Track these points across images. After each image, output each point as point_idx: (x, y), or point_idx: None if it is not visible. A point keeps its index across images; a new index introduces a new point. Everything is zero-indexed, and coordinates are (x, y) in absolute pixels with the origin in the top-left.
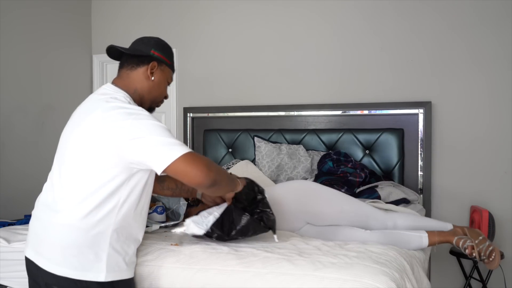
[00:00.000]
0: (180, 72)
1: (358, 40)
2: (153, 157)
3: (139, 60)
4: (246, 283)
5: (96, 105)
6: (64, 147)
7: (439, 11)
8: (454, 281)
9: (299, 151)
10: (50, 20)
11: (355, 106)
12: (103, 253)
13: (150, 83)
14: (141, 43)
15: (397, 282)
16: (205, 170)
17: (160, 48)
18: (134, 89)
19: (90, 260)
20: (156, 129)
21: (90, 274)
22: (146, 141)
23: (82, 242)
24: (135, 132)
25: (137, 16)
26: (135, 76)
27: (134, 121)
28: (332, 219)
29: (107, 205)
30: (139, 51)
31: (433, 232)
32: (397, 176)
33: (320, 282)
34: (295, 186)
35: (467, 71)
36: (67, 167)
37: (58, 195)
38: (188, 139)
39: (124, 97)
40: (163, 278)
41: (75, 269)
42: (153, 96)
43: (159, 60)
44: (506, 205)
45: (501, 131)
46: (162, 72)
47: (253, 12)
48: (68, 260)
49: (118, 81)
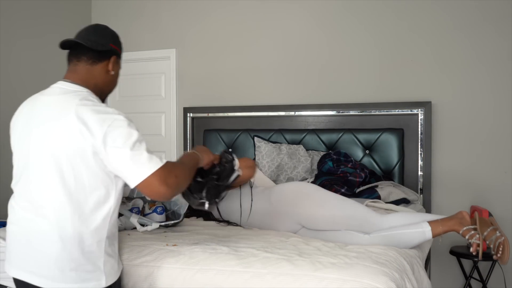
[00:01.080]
0: (180, 72)
1: (358, 40)
2: (127, 172)
3: (100, 54)
4: (245, 284)
5: (65, 107)
6: (37, 156)
7: (439, 10)
8: (454, 281)
9: (299, 151)
10: (50, 20)
11: (355, 106)
12: (99, 261)
13: (109, 77)
14: (98, 34)
15: (397, 282)
16: (171, 186)
17: (116, 40)
18: (94, 84)
19: (89, 271)
20: (130, 139)
21: (91, 284)
22: (121, 153)
23: (79, 255)
24: (111, 141)
25: (137, 16)
26: (95, 71)
27: (110, 129)
28: (325, 224)
29: (100, 215)
30: (100, 45)
31: (436, 221)
32: (397, 176)
33: (320, 282)
34: (290, 189)
35: (467, 71)
36: (49, 178)
37: (47, 208)
38: (188, 139)
39: (90, 94)
40: (163, 279)
41: (75, 282)
42: (110, 89)
43: (117, 54)
44: (506, 205)
45: (501, 131)
46: (117, 64)
47: (253, 12)
48: (67, 275)
49: (74, 77)
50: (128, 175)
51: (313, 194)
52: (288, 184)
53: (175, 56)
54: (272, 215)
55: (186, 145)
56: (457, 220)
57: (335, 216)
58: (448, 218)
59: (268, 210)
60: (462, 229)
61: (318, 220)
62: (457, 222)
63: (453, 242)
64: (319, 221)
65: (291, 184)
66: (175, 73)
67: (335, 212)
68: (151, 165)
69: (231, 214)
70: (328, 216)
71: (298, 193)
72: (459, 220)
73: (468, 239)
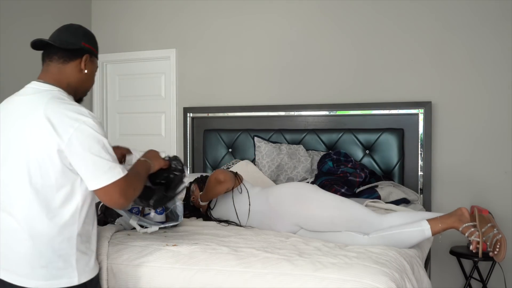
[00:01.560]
0: (180, 72)
1: (358, 40)
2: (88, 176)
3: (71, 53)
4: (246, 284)
5: (34, 106)
6: (6, 155)
7: (439, 11)
8: (454, 281)
9: (299, 151)
10: (50, 20)
11: (355, 106)
12: (71, 258)
13: (83, 75)
14: (69, 34)
15: (397, 282)
16: (129, 198)
17: (89, 39)
18: (67, 84)
19: (60, 268)
20: (96, 145)
21: (62, 281)
22: (84, 158)
23: (49, 251)
24: (77, 144)
25: (137, 16)
26: (68, 71)
27: (76, 132)
28: (323, 225)
29: (68, 211)
30: (71, 44)
31: (435, 219)
32: (397, 176)
33: (320, 282)
34: (288, 191)
35: (467, 71)
36: (17, 176)
37: (14, 207)
38: (188, 139)
39: (61, 93)
40: (163, 279)
41: (46, 279)
42: (85, 88)
43: (90, 52)
44: (506, 205)
45: (501, 131)
46: (92, 63)
47: (253, 12)
48: (37, 272)
49: (47, 77)
50: (88, 179)
51: (311, 195)
52: (286, 185)
53: (175, 56)
54: (271, 216)
55: (186, 145)
56: (457, 217)
57: (333, 217)
58: (447, 215)
59: (266, 212)
60: (462, 226)
61: (316, 221)
62: (457, 219)
63: (453, 242)
64: (317, 223)
65: (289, 185)
66: (175, 73)
67: (333, 213)
68: (112, 174)
69: (229, 216)
70: (325, 217)
71: (295, 194)
72: (458, 217)
73: (468, 237)
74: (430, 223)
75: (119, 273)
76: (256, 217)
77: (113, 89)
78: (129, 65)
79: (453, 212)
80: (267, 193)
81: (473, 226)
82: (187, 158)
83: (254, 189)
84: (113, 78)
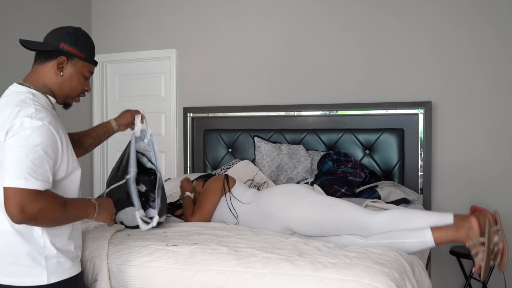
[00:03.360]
0: (180, 72)
1: (358, 40)
2: (8, 170)
3: (48, 54)
4: (246, 284)
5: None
6: None
7: (439, 11)
8: (454, 281)
9: (299, 151)
10: (50, 20)
11: (355, 106)
12: (40, 256)
13: (60, 78)
14: (52, 35)
15: (397, 282)
16: (25, 217)
17: (71, 41)
18: (43, 84)
19: (27, 266)
20: (27, 145)
21: (30, 280)
22: (13, 151)
23: (18, 248)
24: (14, 138)
25: (137, 16)
26: (43, 71)
27: (19, 129)
28: (313, 230)
29: None
30: (47, 45)
31: (441, 229)
32: (397, 176)
33: (320, 282)
34: (276, 198)
35: (467, 71)
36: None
37: None
38: (188, 139)
39: (28, 95)
40: (163, 279)
41: (15, 276)
42: (65, 92)
43: (69, 54)
44: (506, 205)
45: (501, 131)
46: (74, 66)
47: (253, 12)
48: (7, 268)
49: (27, 78)
50: (3, 172)
51: (297, 201)
52: (277, 189)
53: (175, 56)
54: (263, 220)
55: (186, 145)
56: (464, 231)
57: (320, 222)
58: (454, 227)
59: (258, 217)
60: (469, 242)
61: (305, 226)
62: (464, 233)
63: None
64: (307, 228)
65: (279, 190)
66: (175, 73)
67: (320, 217)
68: (25, 180)
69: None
70: (313, 223)
71: (283, 200)
72: (467, 230)
73: (473, 256)
74: (434, 233)
75: (119, 273)
76: (248, 223)
77: (113, 89)
78: (129, 65)
79: (462, 222)
80: (259, 198)
81: (481, 243)
82: (187, 158)
83: (247, 193)
84: (113, 78)
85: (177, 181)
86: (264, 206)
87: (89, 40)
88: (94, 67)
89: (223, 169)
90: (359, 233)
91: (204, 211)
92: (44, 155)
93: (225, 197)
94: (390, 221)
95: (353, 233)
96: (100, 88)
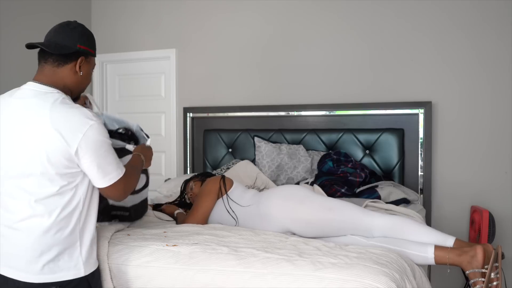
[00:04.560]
0: (180, 72)
1: (358, 40)
2: (93, 177)
3: (66, 57)
4: (246, 284)
5: (39, 112)
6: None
7: (439, 10)
8: (454, 281)
9: (299, 151)
10: (50, 20)
11: (355, 106)
12: (76, 251)
13: (79, 77)
14: (65, 36)
15: (397, 282)
16: (128, 192)
17: (85, 40)
18: (63, 85)
19: (65, 261)
20: (101, 148)
21: (69, 273)
22: (91, 161)
23: (55, 245)
24: (84, 149)
25: (137, 16)
26: (63, 73)
27: (84, 137)
28: (313, 233)
29: (71, 205)
30: (65, 48)
31: (444, 250)
32: (397, 176)
33: (320, 282)
34: (277, 201)
35: (467, 71)
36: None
37: (18, 204)
38: (188, 139)
39: (61, 95)
40: (163, 279)
41: (54, 272)
42: (81, 88)
43: (85, 54)
44: (506, 205)
45: (501, 131)
46: (89, 63)
47: (253, 12)
48: (46, 266)
49: (44, 78)
50: (95, 179)
51: (297, 206)
52: (276, 192)
53: (175, 56)
54: (263, 221)
55: (186, 145)
56: (468, 257)
57: (322, 226)
58: (458, 251)
59: (258, 217)
60: (469, 270)
61: (306, 229)
62: (466, 260)
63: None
64: (307, 231)
65: (279, 192)
66: (175, 73)
67: (319, 220)
68: (116, 174)
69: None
70: (315, 226)
71: (283, 204)
72: (469, 258)
73: (471, 285)
74: (437, 252)
75: (119, 273)
76: (247, 225)
77: (113, 89)
78: (129, 65)
79: (467, 249)
80: (258, 201)
81: (482, 274)
82: (187, 158)
83: (246, 194)
84: (113, 78)
85: (177, 181)
86: (263, 210)
87: (92, 35)
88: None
89: (223, 169)
90: (360, 234)
91: (198, 214)
92: (107, 144)
93: (222, 200)
94: (392, 227)
95: (355, 234)
96: (100, 88)
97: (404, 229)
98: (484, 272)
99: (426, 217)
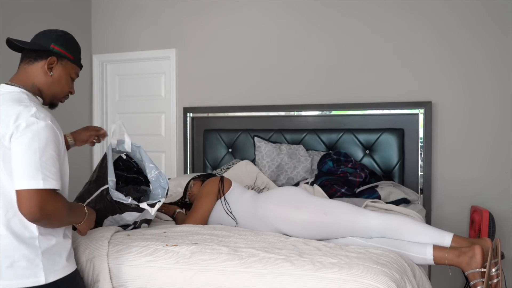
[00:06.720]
0: (180, 72)
1: (358, 40)
2: (21, 172)
3: (37, 54)
4: (246, 284)
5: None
6: None
7: (439, 10)
8: (454, 281)
9: (299, 151)
10: (50, 19)
11: (355, 106)
12: (36, 257)
13: (49, 78)
14: (42, 36)
15: (397, 282)
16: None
17: (61, 42)
18: (32, 84)
19: (23, 268)
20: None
21: (28, 281)
22: (19, 155)
23: (13, 251)
24: (20, 141)
25: (137, 16)
26: (32, 71)
27: (25, 130)
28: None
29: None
30: (37, 45)
31: (443, 250)
32: (397, 176)
33: (320, 282)
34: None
35: (467, 71)
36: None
37: None
38: (188, 139)
39: (21, 94)
40: (163, 279)
41: (13, 278)
42: (52, 92)
43: (59, 55)
44: (506, 205)
45: (501, 131)
46: (63, 67)
47: (253, 12)
48: (4, 272)
49: (15, 78)
50: (15, 177)
51: (294, 212)
52: (273, 195)
53: (175, 56)
54: (261, 224)
55: (186, 145)
56: (466, 258)
57: (319, 230)
58: (457, 251)
59: (256, 220)
60: (469, 271)
61: (303, 233)
62: (465, 261)
63: None
64: (304, 234)
65: (276, 196)
66: (175, 73)
67: (315, 225)
68: (43, 180)
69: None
70: (311, 230)
71: (279, 212)
72: (468, 259)
73: (471, 286)
74: (435, 253)
75: (119, 273)
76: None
77: (113, 89)
78: (129, 65)
79: (465, 249)
80: (256, 205)
81: (482, 274)
82: (187, 158)
83: (245, 195)
84: (113, 78)
85: (177, 181)
86: (261, 213)
87: (77, 43)
88: (79, 70)
89: (223, 169)
90: (358, 235)
91: (197, 215)
92: (53, 154)
93: (220, 201)
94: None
95: (354, 236)
96: (100, 88)
97: (401, 228)
98: (484, 271)
99: (426, 217)
